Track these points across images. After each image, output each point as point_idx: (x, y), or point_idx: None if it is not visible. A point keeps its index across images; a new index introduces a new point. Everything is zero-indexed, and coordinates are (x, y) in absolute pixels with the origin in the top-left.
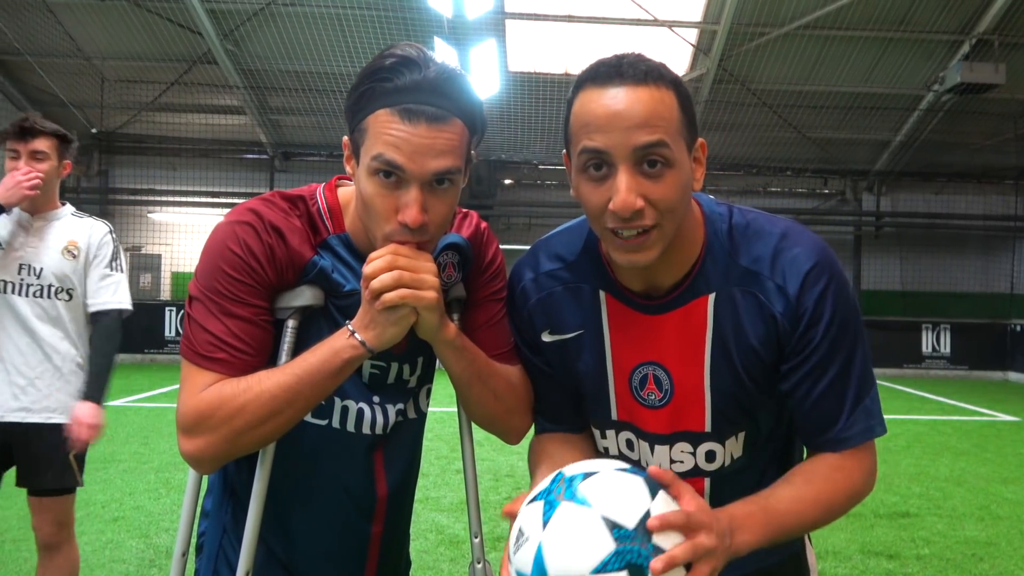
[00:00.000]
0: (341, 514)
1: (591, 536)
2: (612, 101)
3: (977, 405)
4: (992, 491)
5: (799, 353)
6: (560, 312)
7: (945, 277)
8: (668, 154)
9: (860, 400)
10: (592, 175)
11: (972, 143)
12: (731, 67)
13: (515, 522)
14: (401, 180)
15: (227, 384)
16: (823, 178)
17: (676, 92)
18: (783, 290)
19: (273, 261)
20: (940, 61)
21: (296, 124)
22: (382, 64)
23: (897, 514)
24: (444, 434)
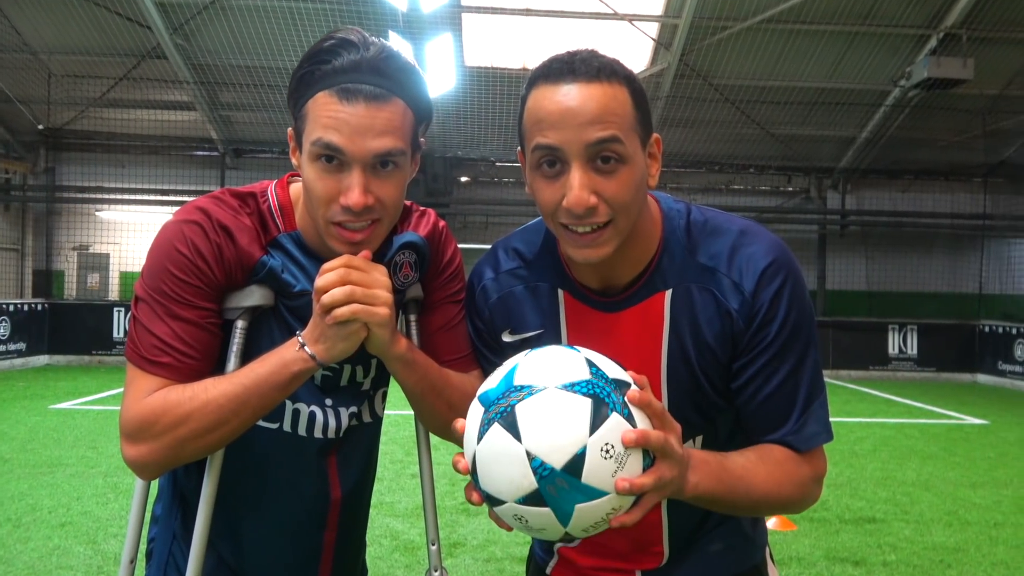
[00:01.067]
0: (293, 520)
1: (570, 361)
2: (564, 98)
3: (945, 408)
4: (960, 496)
5: (751, 350)
6: (520, 311)
7: (912, 277)
8: (621, 150)
9: (809, 403)
10: (546, 172)
11: (939, 140)
12: (693, 62)
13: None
14: (343, 163)
15: (173, 391)
16: (787, 176)
17: (630, 88)
18: (739, 287)
19: (221, 261)
20: (907, 56)
21: (247, 120)
22: (321, 47)
23: (863, 519)
24: (399, 437)
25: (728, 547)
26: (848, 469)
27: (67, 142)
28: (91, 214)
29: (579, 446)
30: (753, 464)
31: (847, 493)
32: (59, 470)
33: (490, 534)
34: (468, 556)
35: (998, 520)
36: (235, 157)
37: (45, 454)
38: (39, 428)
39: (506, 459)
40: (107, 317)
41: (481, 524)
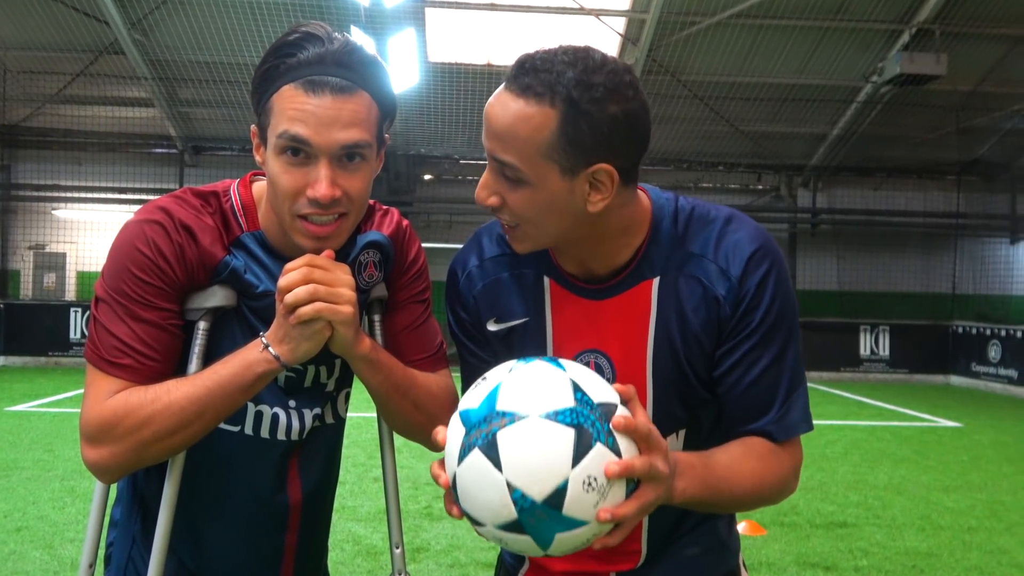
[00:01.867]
0: (254, 523)
1: (555, 385)
2: (492, 103)
3: (917, 410)
4: (933, 500)
5: (735, 336)
6: (506, 299)
7: (884, 277)
8: (519, 175)
9: (791, 393)
10: None
11: (912, 137)
12: (661, 58)
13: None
14: (309, 156)
15: (134, 393)
16: (756, 173)
17: (564, 113)
18: (726, 273)
19: (183, 261)
20: (879, 51)
21: (207, 117)
22: (285, 41)
23: (834, 524)
24: (362, 440)
25: (704, 551)
26: (819, 473)
27: (23, 139)
28: (47, 212)
29: (561, 479)
30: (737, 462)
31: (818, 497)
32: (15, 473)
33: (454, 539)
34: (432, 561)
35: (971, 525)
36: (194, 155)
37: (0, 457)
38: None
39: (486, 486)
40: (64, 318)
41: (445, 529)
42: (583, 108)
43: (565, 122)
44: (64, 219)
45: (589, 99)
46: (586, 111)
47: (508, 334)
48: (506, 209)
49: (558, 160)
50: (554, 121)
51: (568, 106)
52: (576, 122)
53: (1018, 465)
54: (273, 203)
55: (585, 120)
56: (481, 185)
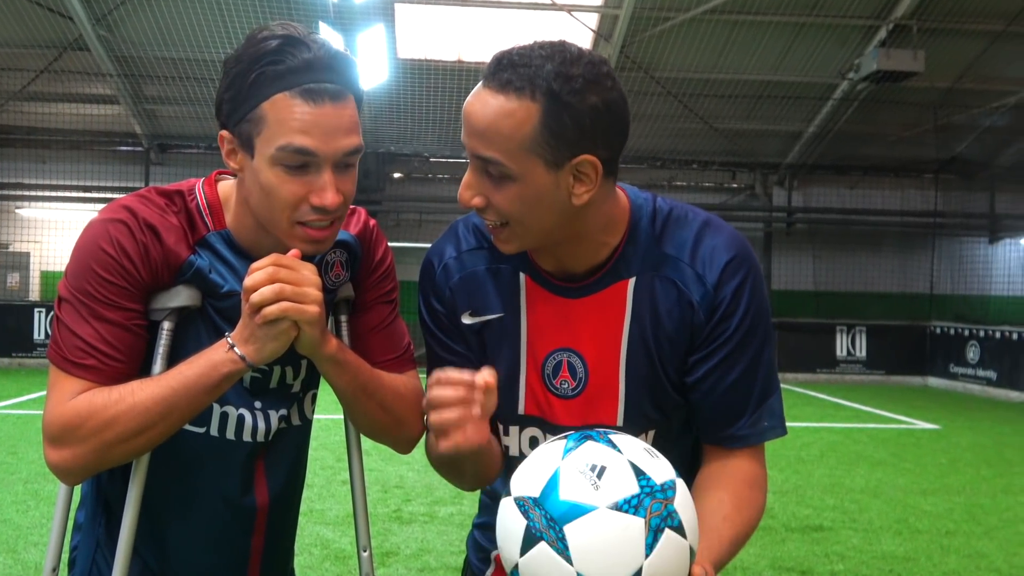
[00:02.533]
0: (219, 526)
1: (618, 470)
2: (471, 101)
3: (894, 412)
4: (910, 503)
5: (710, 344)
6: (482, 292)
7: (861, 276)
8: (503, 171)
9: (765, 398)
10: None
11: (889, 135)
12: (634, 54)
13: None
14: (310, 164)
15: (98, 393)
16: (731, 171)
17: (545, 106)
18: (702, 278)
19: (148, 261)
20: (855, 48)
21: (173, 114)
22: (267, 47)
23: (810, 528)
24: (329, 443)
25: None
26: (794, 476)
27: None
28: (11, 211)
29: (634, 571)
30: (733, 518)
31: (793, 500)
32: None
33: (424, 543)
34: (401, 565)
35: (949, 528)
36: (160, 152)
37: None
38: None
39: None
40: (27, 318)
41: (414, 533)
42: (564, 100)
43: (547, 115)
44: (28, 218)
45: (569, 91)
46: (567, 103)
47: (482, 328)
48: (491, 209)
49: (542, 154)
50: (536, 114)
51: (549, 99)
52: (558, 114)
53: (997, 468)
54: (263, 210)
55: (567, 112)
56: (464, 185)
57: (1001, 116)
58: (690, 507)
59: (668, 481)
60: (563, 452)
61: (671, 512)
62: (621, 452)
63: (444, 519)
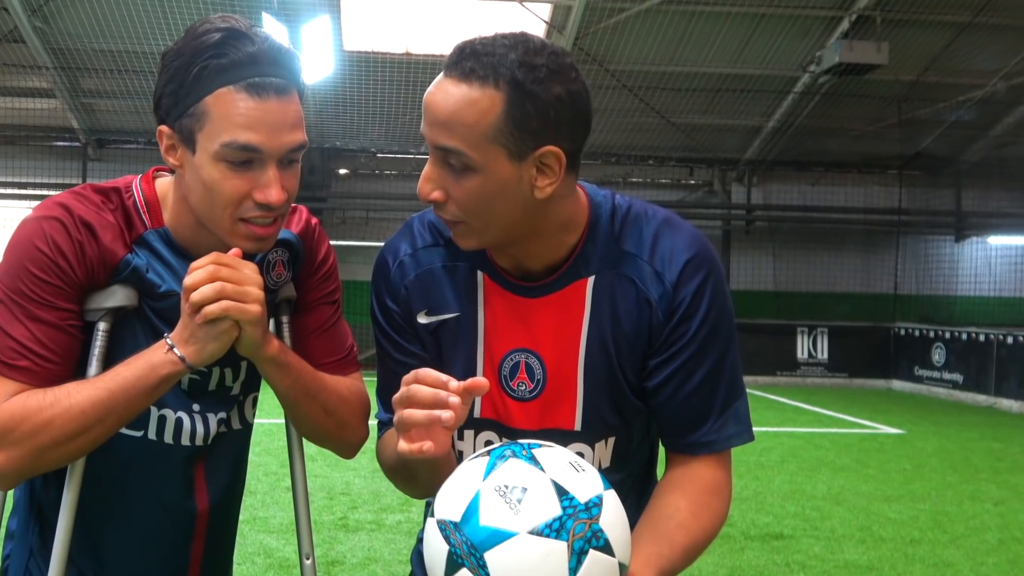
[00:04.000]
0: (158, 532)
1: (539, 490)
2: (433, 90)
3: (858, 416)
4: (874, 510)
5: (670, 347)
6: (439, 291)
7: (822, 276)
8: (465, 161)
9: (730, 404)
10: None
11: (852, 129)
12: (588, 46)
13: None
14: (254, 160)
15: (32, 396)
16: (688, 167)
17: (509, 96)
18: (661, 277)
19: (83, 260)
20: (817, 39)
21: (111, 108)
22: (208, 40)
23: (770, 536)
24: (273, 448)
25: None
26: (754, 482)
27: None
28: None
29: None
30: (689, 525)
31: (753, 508)
32: None
33: (370, 551)
34: (347, 575)
35: (914, 536)
36: (98, 148)
37: None
38: None
39: None
40: None
41: (361, 541)
42: (528, 89)
43: (511, 104)
44: None
45: (534, 79)
46: (531, 92)
47: (438, 328)
48: (451, 202)
49: (505, 144)
50: (500, 104)
51: (513, 88)
52: (522, 104)
53: (963, 474)
54: (203, 207)
55: (531, 101)
56: (424, 179)
57: (967, 110)
58: (620, 522)
59: (594, 498)
60: (484, 472)
61: (596, 532)
62: (544, 470)
63: (392, 527)
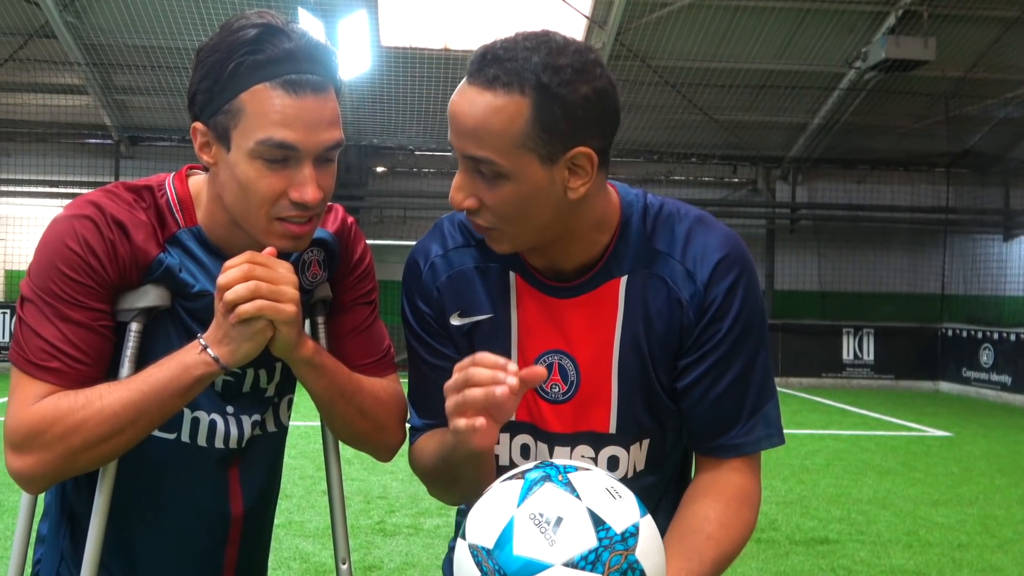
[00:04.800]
0: (191, 537)
1: (574, 521)
2: (457, 100)
3: (904, 419)
4: (921, 514)
5: (700, 347)
6: (471, 292)
7: (868, 276)
8: (496, 169)
9: (760, 406)
10: (457, 164)
11: (898, 126)
12: (629, 42)
13: (481, 497)
14: (291, 158)
15: (64, 397)
16: (732, 165)
17: (536, 99)
18: (692, 276)
19: (115, 259)
20: (863, 35)
21: (144, 105)
22: (244, 36)
23: (815, 540)
24: (309, 451)
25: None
26: (799, 486)
27: None
28: None
29: None
30: (718, 537)
31: (797, 512)
32: None
33: (408, 556)
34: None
35: (962, 541)
36: (131, 145)
37: None
38: None
39: None
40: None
41: (398, 546)
42: (554, 92)
43: (538, 108)
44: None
45: (559, 82)
46: (558, 94)
47: (471, 329)
48: (484, 210)
49: (535, 148)
50: (527, 109)
51: (539, 92)
52: (549, 107)
53: (1011, 477)
54: (238, 206)
55: (558, 104)
56: (455, 188)
57: (1016, 107)
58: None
59: (630, 527)
60: (519, 497)
61: (632, 563)
62: (580, 498)
63: (430, 531)
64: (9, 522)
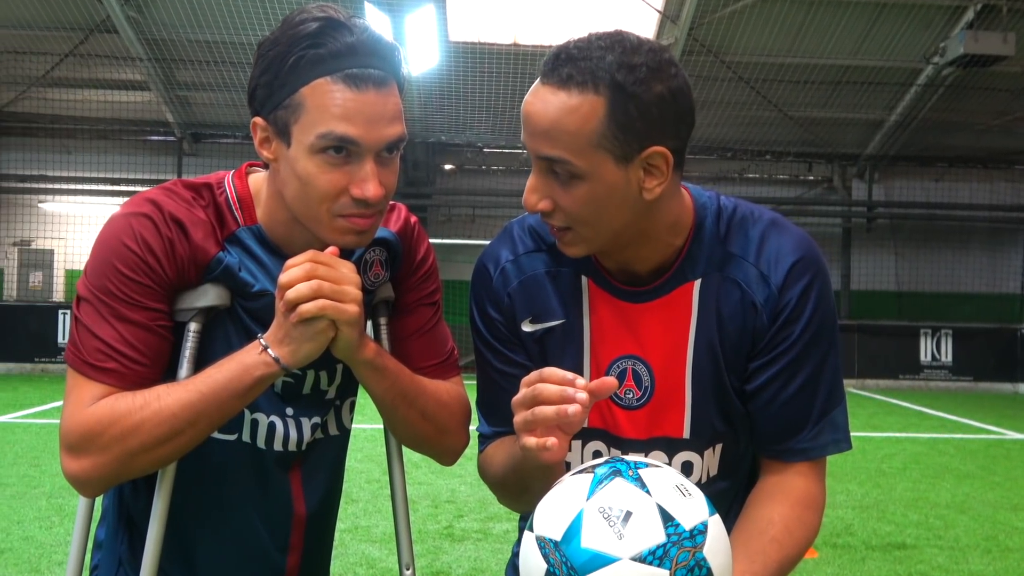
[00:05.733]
0: (252, 542)
1: (643, 515)
2: (530, 100)
3: (983, 421)
4: (1000, 519)
5: (772, 350)
6: (542, 297)
7: (946, 275)
8: (572, 170)
9: (828, 410)
10: (531, 163)
11: (977, 123)
12: (702, 36)
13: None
14: (351, 154)
15: (121, 398)
16: (807, 163)
17: (611, 98)
18: (766, 279)
19: (173, 258)
20: (940, 30)
21: (207, 101)
22: (305, 30)
23: (892, 545)
24: (375, 454)
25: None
26: (875, 490)
27: (6, 126)
28: (33, 205)
29: None
30: (782, 540)
31: (874, 516)
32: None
33: (477, 562)
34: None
35: None
36: (193, 142)
37: None
38: None
39: None
40: (51, 320)
41: (467, 551)
42: (630, 91)
43: (613, 108)
44: (51, 212)
45: (634, 81)
46: (633, 93)
47: (543, 336)
48: (559, 211)
49: (610, 148)
50: (602, 108)
51: (614, 91)
52: (624, 106)
53: None
54: (298, 203)
55: (633, 103)
56: (529, 189)
57: None
58: (723, 549)
59: (699, 525)
60: (589, 490)
61: (699, 560)
62: (650, 493)
63: (499, 536)
64: (69, 527)
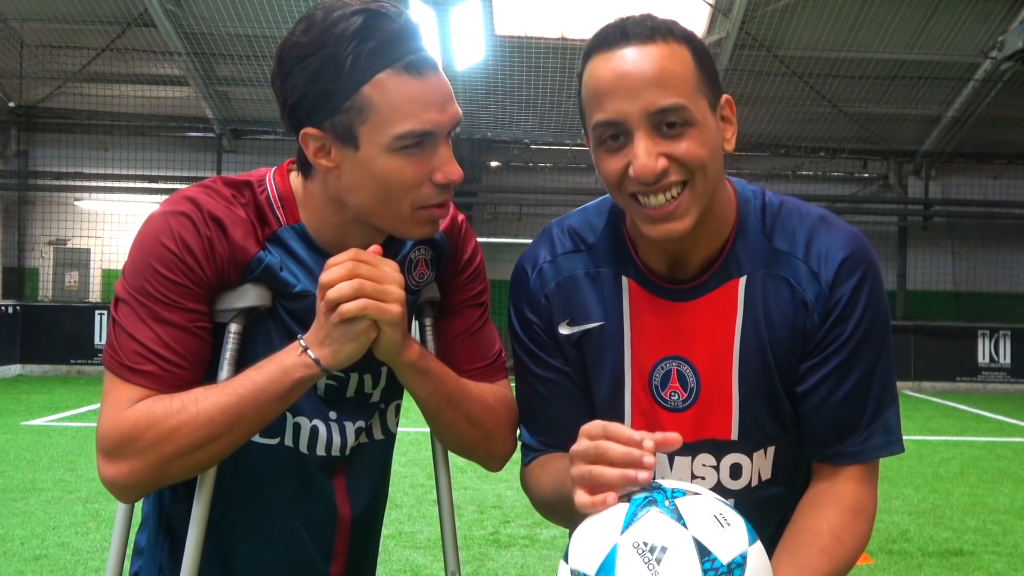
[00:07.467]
0: (294, 550)
1: (679, 551)
2: (619, 63)
3: None
4: None
5: (823, 350)
6: (581, 299)
7: (1005, 275)
8: (687, 116)
9: (880, 412)
10: (610, 146)
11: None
12: (755, 30)
13: (582, 523)
14: (425, 142)
15: (158, 401)
16: (862, 160)
17: (691, 48)
18: (817, 276)
19: (212, 257)
20: (998, 24)
21: (248, 97)
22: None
23: (949, 552)
24: (420, 459)
25: None
26: (932, 495)
27: (42, 122)
28: (69, 204)
29: None
30: (832, 551)
31: (931, 522)
32: (33, 496)
33: (524, 568)
34: None
35: None
36: (233, 139)
37: (17, 477)
38: (10, 448)
39: None
40: (87, 321)
41: (513, 557)
42: (697, 44)
43: (697, 55)
44: (88, 211)
45: (694, 37)
46: (700, 47)
47: (581, 338)
48: (674, 167)
49: (706, 94)
50: (690, 56)
51: (689, 42)
52: (702, 55)
53: None
54: (377, 203)
55: (704, 55)
56: (644, 154)
57: None
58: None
59: (737, 557)
60: (624, 523)
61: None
62: (686, 526)
63: (546, 542)
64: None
